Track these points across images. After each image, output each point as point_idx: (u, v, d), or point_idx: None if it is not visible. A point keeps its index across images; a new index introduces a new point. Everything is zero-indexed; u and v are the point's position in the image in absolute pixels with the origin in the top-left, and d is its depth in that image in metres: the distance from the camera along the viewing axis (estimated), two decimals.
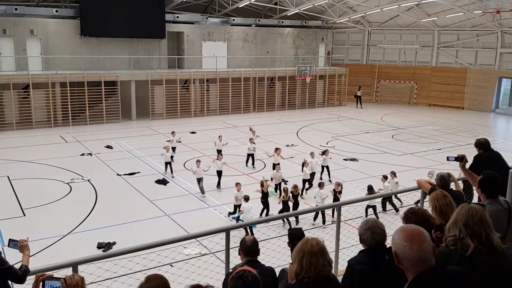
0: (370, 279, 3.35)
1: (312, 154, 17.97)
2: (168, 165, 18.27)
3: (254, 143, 19.87)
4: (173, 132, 21.43)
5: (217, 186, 16.89)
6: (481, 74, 36.16)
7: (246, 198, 13.32)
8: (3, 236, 12.27)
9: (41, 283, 2.64)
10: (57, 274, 2.72)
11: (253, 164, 19.61)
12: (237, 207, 14.07)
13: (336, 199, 13.92)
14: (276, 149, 18.43)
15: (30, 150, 22.05)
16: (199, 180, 16.04)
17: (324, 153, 18.21)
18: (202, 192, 15.97)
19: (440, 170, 6.70)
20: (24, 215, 14.11)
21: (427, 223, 4.11)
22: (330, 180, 17.43)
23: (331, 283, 3.23)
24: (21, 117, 27.05)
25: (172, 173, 18.18)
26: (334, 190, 14.31)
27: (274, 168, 17.17)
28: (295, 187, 14.36)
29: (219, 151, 19.72)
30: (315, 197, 14.53)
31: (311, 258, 3.13)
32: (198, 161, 16.58)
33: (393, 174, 15.59)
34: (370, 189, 14.56)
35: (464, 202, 3.87)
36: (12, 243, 4.74)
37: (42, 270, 3.85)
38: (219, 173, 17.01)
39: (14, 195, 15.68)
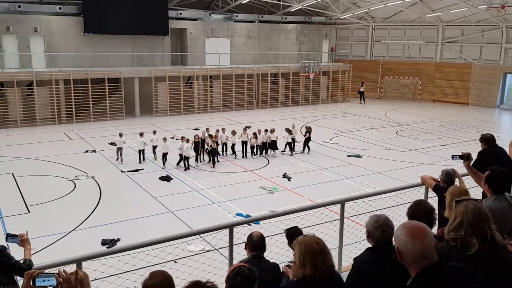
0: (376, 277, 3.31)
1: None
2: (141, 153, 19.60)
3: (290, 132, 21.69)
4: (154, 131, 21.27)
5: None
6: (485, 69, 35.97)
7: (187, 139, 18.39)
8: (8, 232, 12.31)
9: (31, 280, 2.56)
10: (55, 271, 2.67)
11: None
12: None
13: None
14: (244, 129, 21.80)
15: (34, 147, 22.11)
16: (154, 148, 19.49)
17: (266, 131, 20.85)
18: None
19: (444, 166, 6.68)
20: (29, 212, 14.18)
21: (430, 216, 4.07)
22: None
23: (335, 280, 3.20)
24: (25, 114, 27.13)
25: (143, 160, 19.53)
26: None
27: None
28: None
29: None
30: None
31: (313, 258, 3.06)
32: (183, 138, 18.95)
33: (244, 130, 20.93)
34: (244, 129, 21.40)
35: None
36: (10, 237, 4.73)
37: (46, 266, 3.87)
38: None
39: (18, 192, 15.74)
